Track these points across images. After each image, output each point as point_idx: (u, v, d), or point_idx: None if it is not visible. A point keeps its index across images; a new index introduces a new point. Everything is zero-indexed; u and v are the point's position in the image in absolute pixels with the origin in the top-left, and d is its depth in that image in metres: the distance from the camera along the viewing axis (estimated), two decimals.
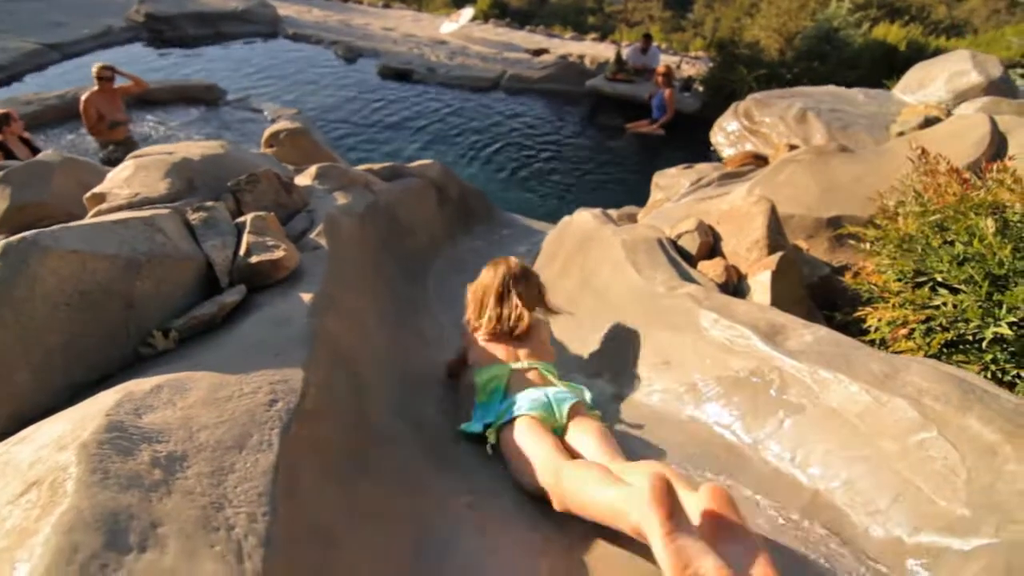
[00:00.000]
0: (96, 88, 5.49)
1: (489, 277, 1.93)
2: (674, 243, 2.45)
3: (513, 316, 1.80)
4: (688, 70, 9.74)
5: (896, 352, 1.83)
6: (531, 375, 1.69)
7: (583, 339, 2.20)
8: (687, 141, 7.93)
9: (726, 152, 3.99)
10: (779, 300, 2.06)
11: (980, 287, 1.63)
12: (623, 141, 8.29)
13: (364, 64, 10.02)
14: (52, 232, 1.25)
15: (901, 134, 3.02)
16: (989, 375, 1.66)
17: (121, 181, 1.99)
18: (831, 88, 4.19)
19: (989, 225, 1.60)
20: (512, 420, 1.50)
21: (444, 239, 4.17)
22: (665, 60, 10.89)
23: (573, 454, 1.38)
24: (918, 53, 7.46)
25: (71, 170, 3.64)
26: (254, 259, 1.65)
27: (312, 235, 2.09)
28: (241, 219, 1.86)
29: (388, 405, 1.71)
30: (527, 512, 1.32)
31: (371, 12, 13.32)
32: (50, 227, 1.28)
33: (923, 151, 2.00)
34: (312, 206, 2.50)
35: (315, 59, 10.09)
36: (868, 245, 2.05)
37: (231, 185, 2.17)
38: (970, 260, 1.69)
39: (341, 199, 2.80)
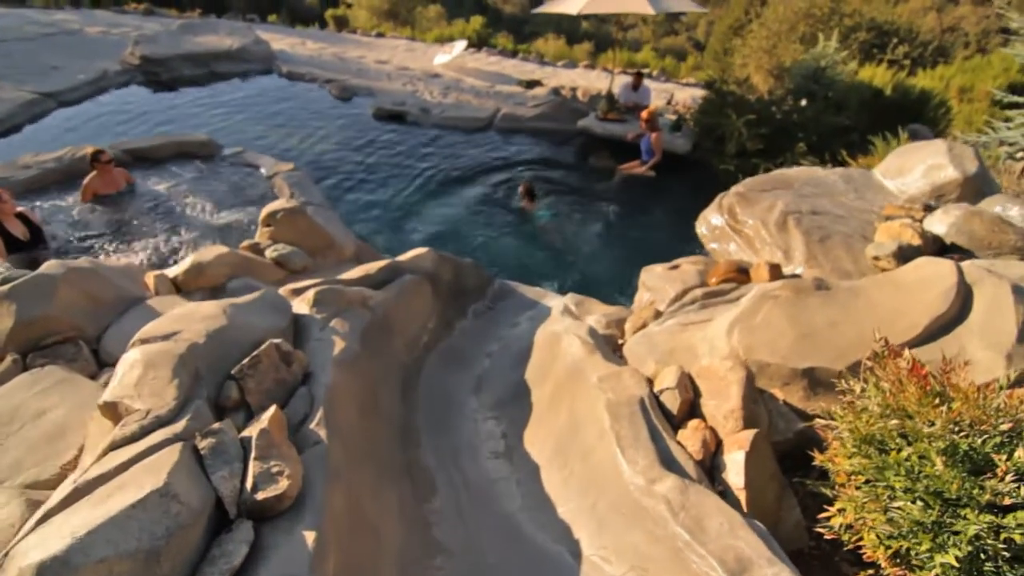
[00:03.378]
0: (94, 173, 5.57)
1: None
2: (656, 398, 2.59)
3: None
4: (679, 106, 9.83)
5: (860, 542, 1.97)
6: None
7: (571, 506, 2.34)
8: (678, 184, 8.06)
9: (711, 245, 4.12)
10: (753, 480, 2.20)
11: (932, 509, 1.76)
12: (617, 183, 8.41)
13: (359, 103, 10.10)
14: (81, 544, 1.38)
15: (876, 259, 3.15)
16: None
17: (131, 388, 2.11)
18: (813, 172, 4.30)
19: (939, 462, 1.73)
20: None
21: (439, 329, 4.31)
22: (657, 88, 10.99)
23: None
24: (904, 96, 7.58)
25: (75, 281, 3.76)
26: (260, 495, 1.78)
27: (312, 424, 2.22)
28: (246, 433, 1.99)
29: None
30: None
31: (364, 42, 13.38)
32: (78, 534, 1.40)
33: (886, 342, 2.12)
34: (311, 366, 2.62)
35: (309, 100, 10.17)
36: (836, 424, 2.17)
37: (235, 373, 2.30)
38: (924, 478, 1.82)
39: (339, 340, 2.92)
